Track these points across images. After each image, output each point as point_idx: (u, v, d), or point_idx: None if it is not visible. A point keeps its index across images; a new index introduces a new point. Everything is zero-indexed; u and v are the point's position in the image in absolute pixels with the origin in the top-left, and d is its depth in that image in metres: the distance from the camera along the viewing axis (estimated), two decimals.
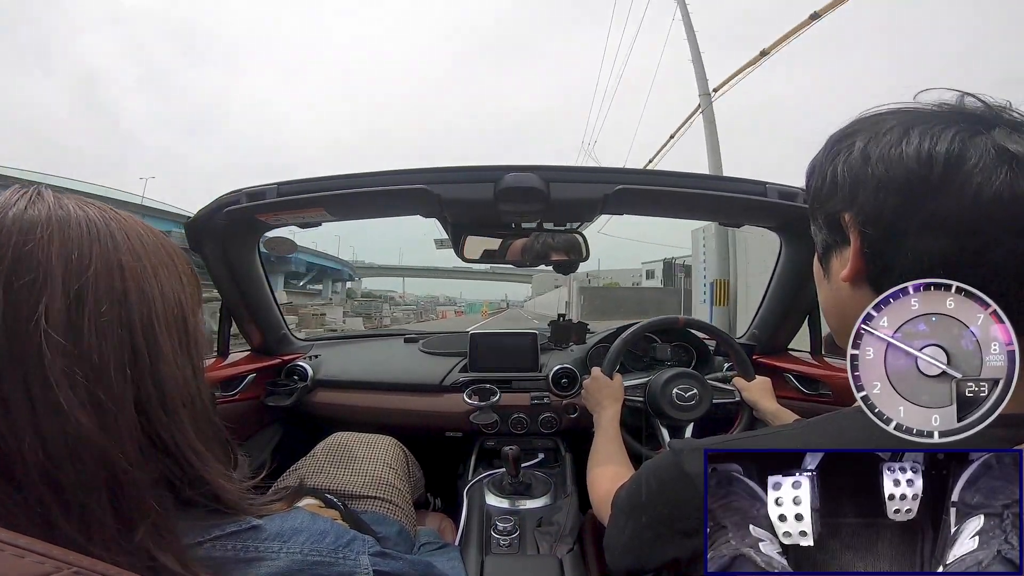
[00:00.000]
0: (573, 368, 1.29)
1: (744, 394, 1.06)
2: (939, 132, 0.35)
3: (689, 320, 1.25)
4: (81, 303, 0.30)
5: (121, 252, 0.33)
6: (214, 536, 0.33)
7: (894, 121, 0.38)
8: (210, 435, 0.37)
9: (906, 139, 0.36)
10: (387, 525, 0.83)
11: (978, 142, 0.34)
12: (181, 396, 0.35)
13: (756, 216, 1.08)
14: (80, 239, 0.32)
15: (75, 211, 0.33)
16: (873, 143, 0.37)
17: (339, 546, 0.37)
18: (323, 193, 0.96)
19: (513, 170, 0.93)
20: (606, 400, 0.97)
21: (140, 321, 0.33)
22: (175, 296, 0.36)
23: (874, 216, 0.37)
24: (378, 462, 0.96)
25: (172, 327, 0.35)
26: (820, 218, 0.42)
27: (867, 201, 0.37)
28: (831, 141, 0.41)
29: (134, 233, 0.35)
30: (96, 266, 0.32)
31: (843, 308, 0.43)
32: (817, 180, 0.42)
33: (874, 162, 0.37)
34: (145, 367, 0.33)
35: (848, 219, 0.39)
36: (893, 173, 0.36)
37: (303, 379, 1.31)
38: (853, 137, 0.39)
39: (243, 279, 1.17)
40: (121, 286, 0.33)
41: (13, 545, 0.22)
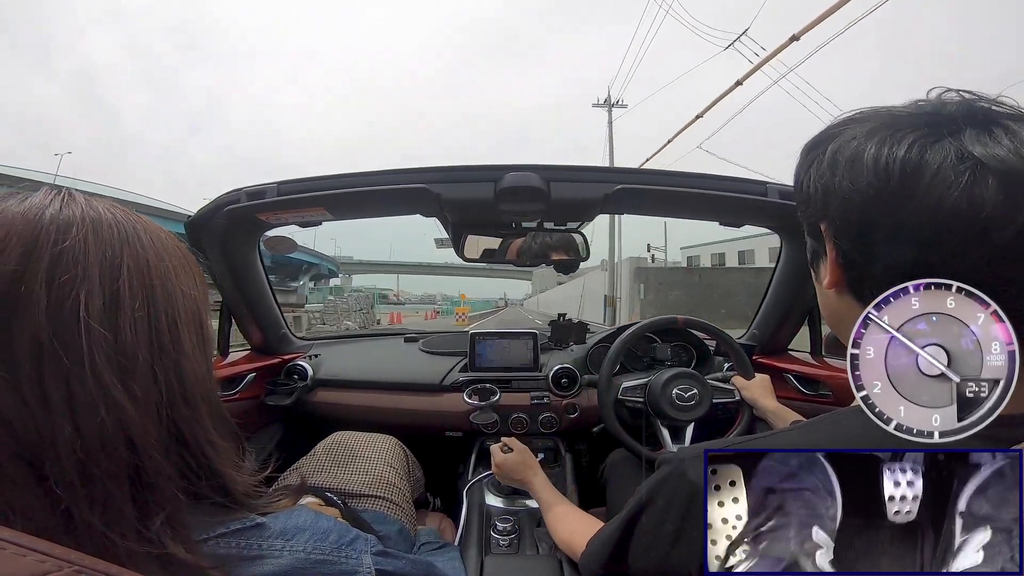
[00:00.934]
0: (573, 368, 1.29)
1: (744, 393, 1.06)
2: (899, 139, 0.34)
3: (688, 320, 1.24)
4: (118, 299, 0.32)
5: (148, 252, 0.35)
6: (219, 533, 0.34)
7: (860, 128, 0.37)
8: (223, 429, 0.39)
9: (867, 147, 0.35)
10: (387, 524, 0.83)
11: (940, 148, 0.33)
12: (200, 390, 0.36)
13: (756, 216, 1.08)
14: (112, 239, 0.34)
15: (105, 213, 0.35)
16: (840, 152, 0.37)
17: (342, 545, 0.38)
18: (323, 192, 0.96)
19: (513, 169, 0.93)
20: (528, 472, 0.97)
21: (165, 318, 0.35)
22: (192, 295, 0.38)
23: (844, 227, 0.37)
24: (379, 461, 0.96)
25: (191, 324, 0.37)
26: (805, 226, 0.42)
27: (837, 213, 0.37)
28: (805, 149, 0.41)
29: (156, 235, 0.37)
30: (128, 264, 0.33)
31: (833, 313, 0.43)
32: (797, 188, 0.42)
33: (840, 172, 0.36)
34: (170, 362, 0.34)
35: (824, 229, 0.39)
36: (856, 184, 0.35)
37: (303, 378, 1.31)
38: (824, 145, 0.39)
39: (243, 278, 1.18)
40: (149, 284, 0.34)
41: (14, 543, 0.22)
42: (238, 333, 1.33)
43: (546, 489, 0.92)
